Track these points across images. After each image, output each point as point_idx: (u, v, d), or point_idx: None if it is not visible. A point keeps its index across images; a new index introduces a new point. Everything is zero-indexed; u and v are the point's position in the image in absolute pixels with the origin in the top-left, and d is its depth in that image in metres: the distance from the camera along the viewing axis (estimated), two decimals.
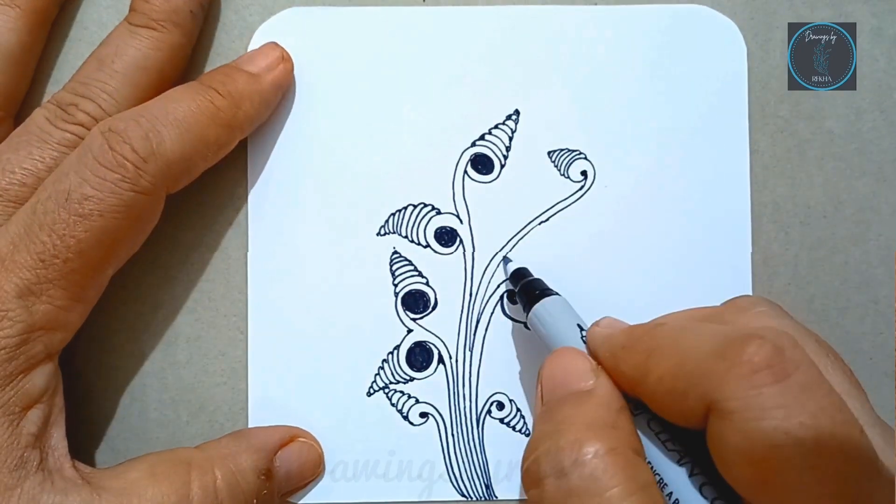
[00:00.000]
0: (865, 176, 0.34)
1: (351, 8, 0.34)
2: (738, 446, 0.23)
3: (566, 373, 0.28)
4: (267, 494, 0.31)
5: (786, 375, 0.23)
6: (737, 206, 0.34)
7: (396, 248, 0.34)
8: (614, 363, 0.27)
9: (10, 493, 0.27)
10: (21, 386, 0.28)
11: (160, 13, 0.32)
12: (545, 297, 0.31)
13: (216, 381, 0.34)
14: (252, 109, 0.32)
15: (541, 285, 0.31)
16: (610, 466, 0.24)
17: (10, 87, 0.32)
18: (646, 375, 0.26)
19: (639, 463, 0.25)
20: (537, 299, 0.31)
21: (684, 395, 0.24)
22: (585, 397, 0.27)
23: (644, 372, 0.26)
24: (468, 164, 0.34)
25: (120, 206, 0.28)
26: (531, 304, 0.31)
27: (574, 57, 0.34)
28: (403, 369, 0.34)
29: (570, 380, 0.28)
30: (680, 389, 0.25)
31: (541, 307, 0.30)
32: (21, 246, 0.28)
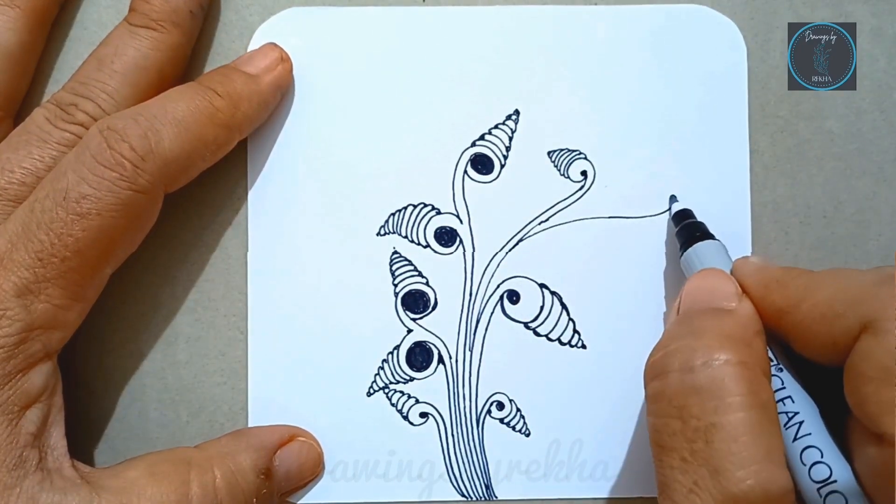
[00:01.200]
0: (865, 176, 0.34)
1: (351, 8, 0.34)
2: (883, 364, 0.23)
3: (711, 290, 0.29)
4: (266, 494, 0.31)
5: None
6: (737, 206, 0.34)
7: (396, 248, 0.34)
8: (765, 293, 0.28)
9: (10, 493, 0.27)
10: (20, 385, 0.28)
11: (160, 13, 0.32)
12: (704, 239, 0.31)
13: (216, 381, 0.34)
14: (251, 110, 0.32)
15: (702, 228, 0.32)
16: (736, 376, 0.25)
17: (9, 87, 0.32)
18: (799, 304, 0.27)
19: (763, 382, 0.26)
20: (696, 241, 0.31)
21: (841, 316, 0.25)
22: (727, 314, 0.28)
23: (798, 301, 0.27)
24: (468, 164, 0.34)
25: (118, 204, 0.28)
26: (688, 245, 0.31)
27: (574, 57, 0.34)
28: (403, 369, 0.34)
29: (714, 297, 0.28)
30: (836, 312, 0.25)
31: (694, 250, 0.31)
32: (19, 245, 0.28)
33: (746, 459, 0.24)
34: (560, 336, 0.34)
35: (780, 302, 0.27)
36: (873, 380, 0.24)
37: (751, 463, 0.24)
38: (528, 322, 0.34)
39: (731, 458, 0.24)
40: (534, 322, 0.34)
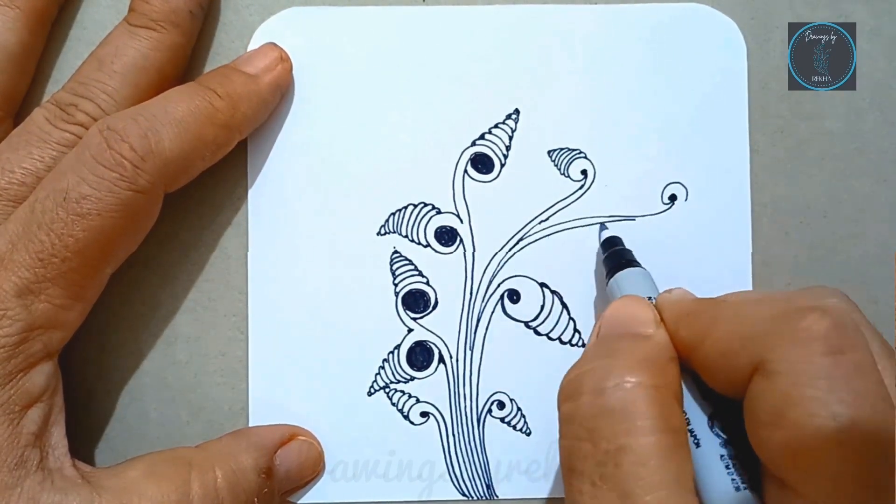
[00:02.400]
0: (865, 176, 0.34)
1: (351, 8, 0.34)
2: (775, 408, 0.23)
3: (629, 316, 0.28)
4: (267, 493, 0.31)
5: (839, 351, 0.23)
6: (737, 206, 0.34)
7: (397, 247, 0.34)
8: (675, 328, 0.28)
9: (10, 493, 0.27)
10: (21, 385, 0.28)
11: (159, 13, 0.32)
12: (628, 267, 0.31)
13: (216, 381, 0.34)
14: (250, 110, 0.32)
15: (627, 256, 0.32)
16: (648, 399, 0.25)
17: (9, 87, 0.32)
18: (703, 339, 0.26)
19: (675, 407, 0.25)
20: (620, 268, 0.31)
21: (736, 354, 0.25)
22: (643, 340, 0.27)
23: (702, 336, 0.26)
24: (468, 164, 0.34)
25: (118, 204, 0.28)
26: (613, 272, 0.31)
27: (574, 56, 0.34)
28: (404, 369, 0.34)
29: (632, 323, 0.28)
30: (733, 350, 0.25)
31: (616, 278, 0.31)
32: (20, 245, 0.28)
33: (655, 484, 0.23)
34: (560, 335, 0.34)
35: (688, 337, 0.27)
36: (766, 424, 0.23)
37: (659, 488, 0.23)
38: (529, 321, 0.34)
39: (640, 482, 0.23)
40: (534, 321, 0.34)
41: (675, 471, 0.24)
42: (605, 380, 0.25)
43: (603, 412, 0.25)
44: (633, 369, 0.25)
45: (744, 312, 0.26)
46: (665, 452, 0.24)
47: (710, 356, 0.26)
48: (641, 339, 0.27)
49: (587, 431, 0.25)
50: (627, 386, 0.25)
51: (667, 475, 0.24)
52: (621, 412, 0.24)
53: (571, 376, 0.27)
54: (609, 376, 0.25)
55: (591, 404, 0.25)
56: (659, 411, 0.24)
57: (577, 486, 0.25)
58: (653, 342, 0.27)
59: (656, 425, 0.24)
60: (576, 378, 0.26)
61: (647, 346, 0.27)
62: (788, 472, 0.23)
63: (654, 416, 0.24)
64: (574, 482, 0.25)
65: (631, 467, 0.24)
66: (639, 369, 0.25)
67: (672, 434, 0.24)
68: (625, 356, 0.26)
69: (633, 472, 0.24)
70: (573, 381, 0.26)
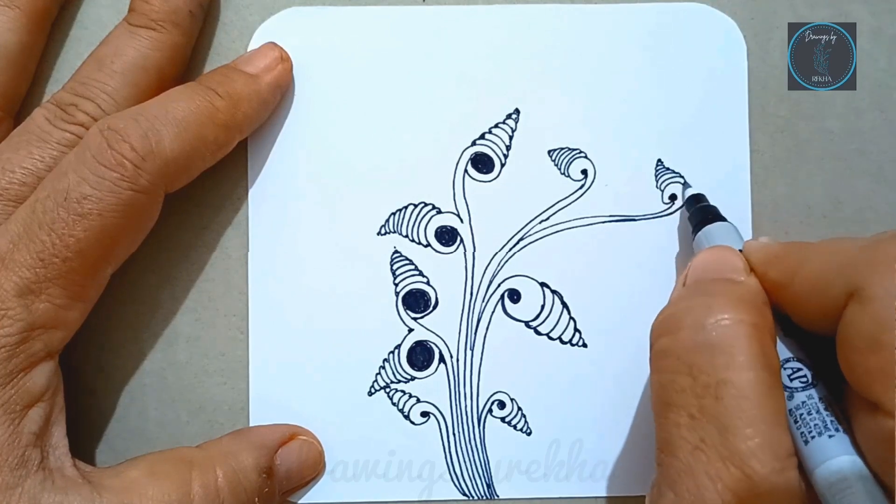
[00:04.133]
0: (865, 176, 0.34)
1: (351, 8, 0.34)
2: (870, 332, 0.23)
3: (721, 263, 0.29)
4: (268, 493, 0.31)
5: None
6: (737, 206, 0.34)
7: (397, 247, 0.34)
8: (765, 269, 0.28)
9: (11, 492, 0.27)
10: (22, 384, 0.28)
11: (159, 13, 0.32)
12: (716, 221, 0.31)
13: (216, 381, 0.34)
14: (250, 110, 0.32)
15: (714, 211, 0.32)
16: (748, 336, 0.25)
17: (10, 87, 0.32)
18: (794, 276, 0.27)
19: (773, 348, 0.26)
20: (707, 223, 0.31)
21: (829, 285, 0.25)
22: (736, 283, 0.28)
23: (794, 273, 0.27)
24: (468, 163, 0.34)
25: (118, 204, 0.28)
26: (700, 227, 0.31)
27: (574, 55, 0.34)
28: (404, 368, 0.34)
29: (724, 269, 0.28)
30: (826, 281, 0.25)
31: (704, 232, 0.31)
32: (20, 245, 0.28)
33: (756, 417, 0.24)
34: (561, 335, 0.34)
35: (778, 276, 0.27)
36: (860, 349, 0.24)
37: (759, 422, 0.24)
38: (529, 321, 0.34)
39: (741, 414, 0.24)
40: (535, 321, 0.34)
41: (774, 407, 0.24)
42: (705, 316, 0.26)
43: (704, 346, 0.25)
44: (733, 307, 0.26)
45: (834, 247, 0.26)
46: (764, 389, 0.24)
47: (802, 291, 0.26)
48: (735, 283, 0.28)
49: (686, 365, 0.26)
50: (727, 322, 0.25)
51: (765, 411, 0.24)
52: (722, 347, 0.25)
53: (667, 314, 0.27)
54: (710, 312, 0.26)
55: (691, 339, 0.26)
56: (759, 349, 0.25)
57: (674, 419, 0.25)
58: (746, 286, 0.28)
59: (756, 362, 0.25)
60: (673, 314, 0.27)
61: (741, 288, 0.27)
62: (883, 395, 0.23)
63: (754, 352, 0.25)
64: (671, 415, 0.26)
65: (732, 401, 0.24)
66: (738, 307, 0.26)
67: (770, 372, 0.25)
68: (722, 295, 0.27)
69: (734, 405, 0.24)
70: (671, 318, 0.27)
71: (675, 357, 0.26)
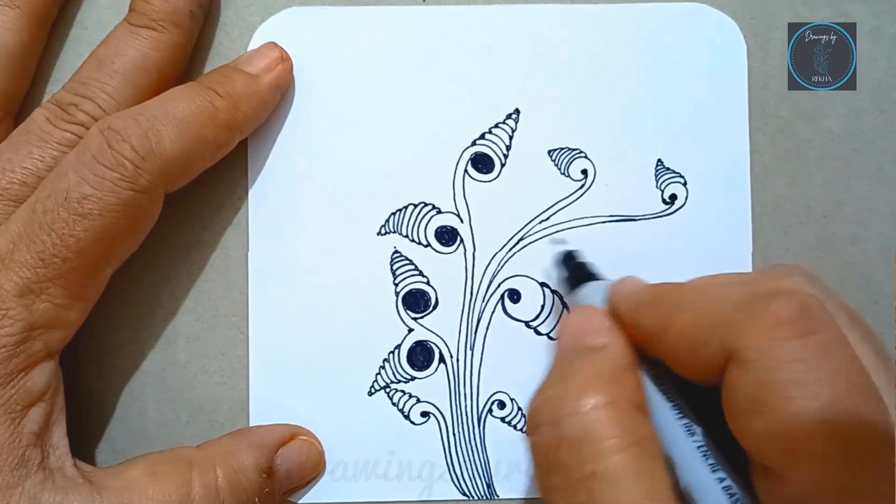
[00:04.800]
0: (865, 176, 0.34)
1: (351, 8, 0.34)
2: (752, 396, 0.23)
3: (581, 328, 0.28)
4: (268, 492, 0.31)
5: (809, 333, 0.23)
6: (737, 206, 0.34)
7: (397, 247, 0.34)
8: (636, 317, 0.27)
9: (11, 492, 0.27)
10: (22, 384, 0.28)
11: (160, 13, 0.32)
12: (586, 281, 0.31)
13: (216, 381, 0.34)
14: (251, 110, 0.32)
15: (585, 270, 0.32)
16: (607, 418, 0.24)
17: (10, 87, 0.32)
18: (668, 328, 0.26)
19: (638, 418, 0.25)
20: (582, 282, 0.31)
21: (705, 345, 0.24)
22: (596, 352, 0.27)
23: (666, 324, 0.26)
24: (468, 164, 0.34)
25: (119, 204, 0.28)
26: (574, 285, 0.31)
27: (574, 55, 0.34)
28: (404, 368, 0.34)
29: (585, 335, 0.28)
30: (701, 340, 0.24)
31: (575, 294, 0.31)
32: (21, 245, 0.28)
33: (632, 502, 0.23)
34: None
35: (650, 325, 0.26)
36: (745, 413, 0.23)
37: None
38: (529, 321, 0.34)
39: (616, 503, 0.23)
40: (535, 321, 0.34)
41: (649, 484, 0.23)
42: (559, 409, 0.25)
43: (565, 443, 0.24)
44: (585, 390, 0.25)
45: (707, 298, 0.26)
46: (634, 468, 0.23)
47: (677, 346, 0.25)
48: (595, 353, 0.27)
49: (554, 464, 0.24)
50: (584, 410, 0.24)
51: (640, 491, 0.23)
52: (581, 439, 0.24)
53: (532, 408, 0.26)
54: (563, 404, 0.25)
55: (551, 436, 0.25)
56: (621, 428, 0.24)
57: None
58: (606, 353, 0.27)
59: (620, 443, 0.24)
60: (534, 410, 0.26)
61: (600, 359, 0.26)
62: (774, 459, 0.23)
63: (615, 434, 0.24)
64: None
65: (603, 493, 0.23)
66: (592, 388, 0.25)
67: (638, 447, 0.24)
68: (577, 378, 0.25)
69: (607, 496, 0.23)
70: (532, 414, 0.26)
71: (543, 456, 0.25)
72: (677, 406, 0.26)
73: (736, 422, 0.24)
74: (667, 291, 0.27)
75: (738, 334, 0.23)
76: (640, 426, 0.24)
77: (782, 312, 0.23)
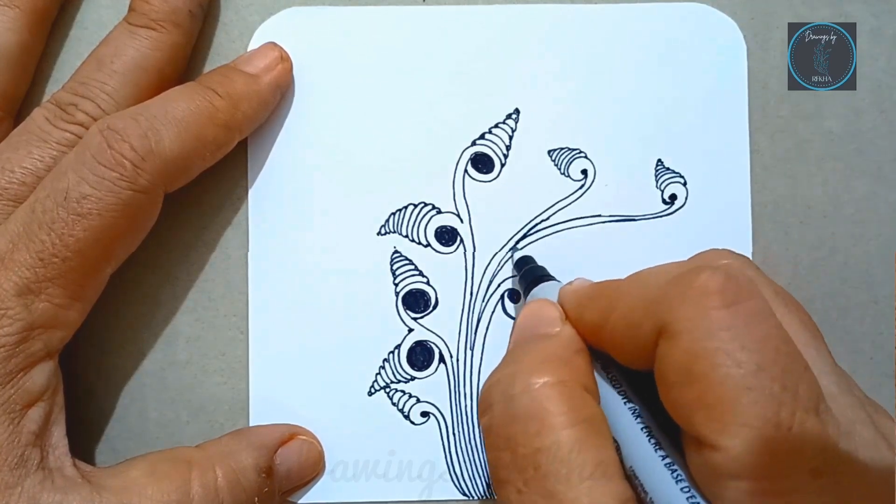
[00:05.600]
0: (865, 176, 0.34)
1: (351, 8, 0.34)
2: (682, 365, 0.23)
3: (535, 319, 0.29)
4: (268, 492, 0.31)
5: (735, 302, 0.23)
6: (737, 206, 0.34)
7: (397, 247, 0.34)
8: (579, 312, 0.28)
9: (11, 492, 0.27)
10: (21, 384, 0.28)
11: (159, 13, 0.32)
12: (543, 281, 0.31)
13: (216, 381, 0.34)
14: (250, 110, 0.32)
15: (540, 272, 0.32)
16: (556, 396, 0.25)
17: (9, 87, 0.32)
18: (607, 319, 0.26)
19: (586, 398, 0.25)
20: (537, 283, 0.31)
21: (639, 326, 0.25)
22: (547, 338, 0.28)
23: (605, 316, 0.26)
24: (468, 164, 0.34)
25: (118, 204, 0.28)
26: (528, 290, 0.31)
27: (574, 55, 0.34)
28: (404, 368, 0.34)
29: (538, 325, 0.28)
30: (636, 321, 0.25)
31: (534, 291, 0.31)
32: (20, 244, 0.28)
33: (576, 478, 0.23)
34: None
35: (592, 318, 0.27)
36: (676, 384, 0.23)
37: (580, 481, 0.23)
38: None
39: (560, 479, 0.23)
40: None
41: (594, 460, 0.24)
42: (512, 386, 0.25)
43: (515, 419, 0.25)
44: (537, 370, 0.25)
45: (642, 283, 0.26)
46: (580, 444, 0.24)
47: (616, 332, 0.26)
48: (546, 338, 0.28)
49: (504, 440, 0.25)
50: (534, 388, 0.25)
51: (586, 467, 0.24)
52: (531, 415, 0.25)
53: (483, 389, 0.27)
54: (515, 382, 0.25)
55: (503, 414, 0.25)
56: (568, 405, 0.25)
57: (505, 494, 0.25)
58: (557, 338, 0.27)
59: (567, 420, 0.24)
60: (486, 390, 0.26)
61: (551, 343, 0.27)
62: (704, 427, 0.23)
63: (563, 411, 0.24)
64: (501, 492, 0.25)
65: (549, 466, 0.24)
66: (543, 369, 0.25)
67: (585, 424, 0.24)
68: (528, 359, 0.26)
69: (553, 470, 0.24)
70: (484, 394, 0.26)
71: (494, 434, 0.25)
72: (623, 391, 0.27)
73: (668, 394, 0.24)
74: (606, 286, 0.28)
75: (667, 308, 0.24)
76: (588, 405, 0.25)
77: (710, 283, 0.23)
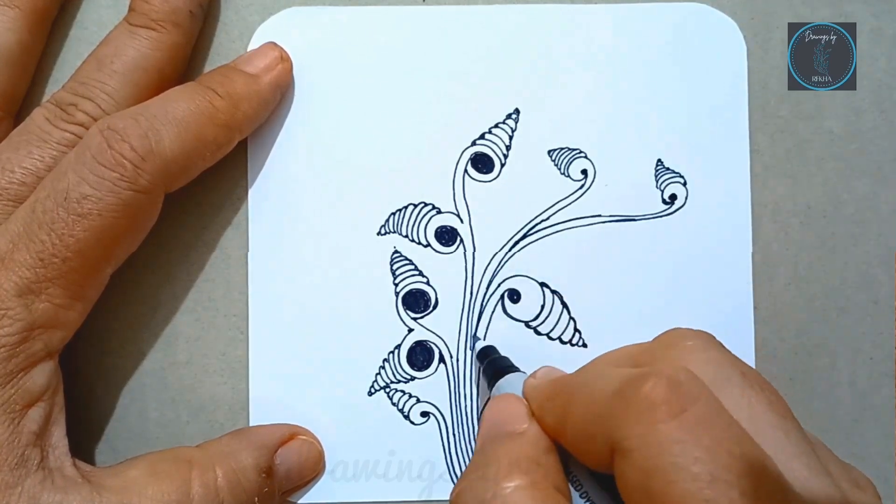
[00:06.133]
0: (865, 176, 0.34)
1: (351, 8, 0.34)
2: (639, 484, 0.22)
3: (502, 415, 0.28)
4: (268, 492, 0.31)
5: (681, 410, 0.22)
6: (737, 206, 0.34)
7: (397, 247, 0.34)
8: (541, 413, 0.27)
9: (11, 492, 0.27)
10: (22, 384, 0.28)
11: (159, 13, 0.32)
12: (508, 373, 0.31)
13: (216, 381, 0.34)
14: (250, 110, 0.32)
15: (505, 362, 0.32)
16: (527, 500, 0.24)
17: (9, 87, 0.32)
18: (564, 423, 0.26)
19: (557, 498, 0.25)
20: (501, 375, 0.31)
21: (593, 438, 0.24)
22: (516, 437, 0.27)
23: (563, 420, 0.26)
24: (468, 164, 0.34)
25: (118, 204, 0.28)
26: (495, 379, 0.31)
27: (574, 55, 0.34)
28: (404, 368, 0.34)
29: (506, 421, 0.28)
30: (589, 433, 0.24)
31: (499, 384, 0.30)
32: (20, 245, 0.28)
33: None
34: (561, 335, 0.34)
35: (552, 423, 0.27)
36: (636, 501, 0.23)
37: None
38: (529, 321, 0.34)
39: None
40: (534, 321, 0.34)
41: None
42: (482, 492, 0.25)
43: None
44: (508, 474, 0.25)
45: (592, 390, 0.25)
46: None
47: (574, 441, 0.25)
48: (514, 437, 0.27)
49: None
50: (505, 492, 0.24)
51: None
52: None
53: (454, 494, 0.26)
54: (486, 488, 0.25)
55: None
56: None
57: None
58: (525, 437, 0.27)
59: None
60: (457, 495, 0.26)
61: (520, 443, 0.26)
62: None
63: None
64: None
65: None
66: (513, 472, 0.25)
67: None
68: (499, 462, 0.26)
69: None
70: (457, 499, 0.26)
71: None
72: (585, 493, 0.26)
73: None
74: (563, 386, 0.27)
75: (617, 424, 0.23)
76: None
77: (653, 394, 0.23)
